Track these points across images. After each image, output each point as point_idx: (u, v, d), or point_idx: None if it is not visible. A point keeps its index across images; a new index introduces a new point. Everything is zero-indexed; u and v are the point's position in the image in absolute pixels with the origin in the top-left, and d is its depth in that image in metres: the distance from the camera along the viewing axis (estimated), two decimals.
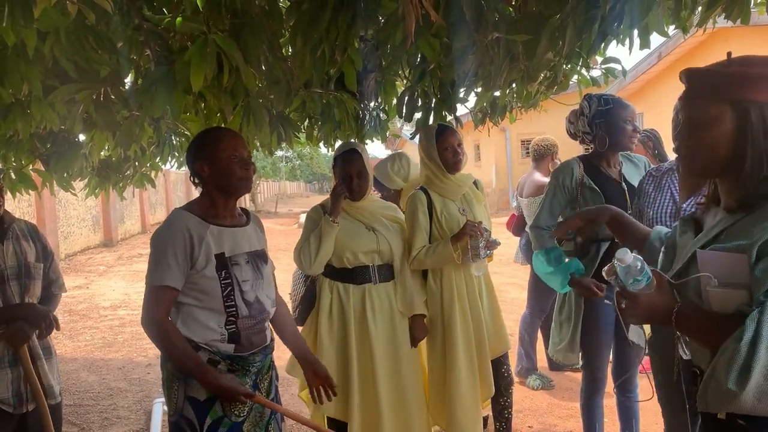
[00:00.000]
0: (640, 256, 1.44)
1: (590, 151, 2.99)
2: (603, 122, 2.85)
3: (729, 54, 1.49)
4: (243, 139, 2.24)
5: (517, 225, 5.16)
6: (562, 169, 2.96)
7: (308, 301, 3.03)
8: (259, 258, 2.25)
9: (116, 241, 15.30)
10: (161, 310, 2.02)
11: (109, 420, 4.36)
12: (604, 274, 1.51)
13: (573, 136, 3.05)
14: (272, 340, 2.29)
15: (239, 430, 2.08)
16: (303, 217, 3.10)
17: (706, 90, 1.44)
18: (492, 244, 3.02)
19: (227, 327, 2.09)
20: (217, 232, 2.12)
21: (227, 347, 2.09)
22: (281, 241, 14.36)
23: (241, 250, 2.17)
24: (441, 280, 3.08)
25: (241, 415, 2.08)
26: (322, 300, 2.98)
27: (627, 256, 1.42)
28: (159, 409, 4.37)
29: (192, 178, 2.22)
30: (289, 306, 3.22)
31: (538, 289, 4.77)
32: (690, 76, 1.49)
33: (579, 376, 4.42)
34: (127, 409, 4.55)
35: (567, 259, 2.89)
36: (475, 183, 3.27)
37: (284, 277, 3.46)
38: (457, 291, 3.04)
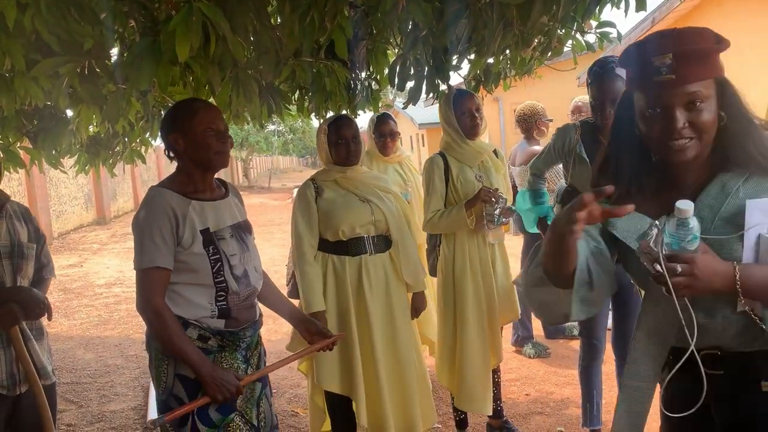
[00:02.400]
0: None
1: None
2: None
3: None
4: (220, 112, 2.19)
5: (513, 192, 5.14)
6: (560, 132, 3.01)
7: None
8: (243, 230, 2.22)
9: (109, 218, 15.22)
10: (157, 294, 1.98)
11: (107, 397, 4.37)
12: (641, 248, 1.25)
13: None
14: (261, 315, 2.28)
15: (231, 406, 2.07)
16: (296, 192, 3.07)
17: None
18: (508, 212, 3.03)
19: (218, 303, 2.06)
20: (199, 207, 2.08)
21: (217, 323, 2.07)
22: (275, 216, 14.33)
23: (225, 224, 2.13)
24: (454, 246, 3.13)
25: None
26: None
27: (690, 207, 1.20)
28: None
29: (166, 152, 2.16)
30: (287, 278, 3.21)
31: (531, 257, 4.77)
32: None
33: (575, 344, 4.45)
34: (125, 386, 4.56)
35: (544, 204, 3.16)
36: (496, 152, 3.27)
37: (279, 252, 3.44)
38: (469, 257, 3.08)
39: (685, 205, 1.20)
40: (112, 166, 4.20)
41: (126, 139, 4.04)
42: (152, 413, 3.94)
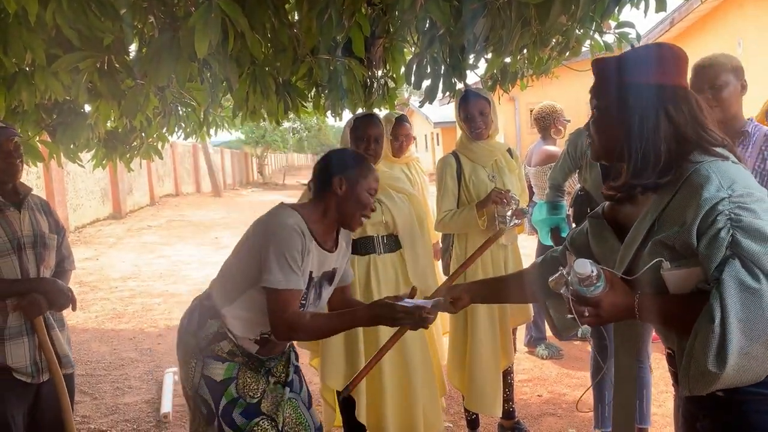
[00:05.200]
0: (592, 261, 1.37)
1: None
2: None
3: None
4: None
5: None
6: (573, 137, 3.00)
7: None
8: (328, 278, 2.19)
9: (125, 213, 15.35)
10: (292, 310, 1.97)
11: (121, 389, 4.41)
12: (551, 285, 1.41)
13: None
14: (290, 345, 2.27)
15: (256, 411, 2.06)
16: None
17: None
18: (520, 214, 3.00)
19: (262, 334, 2.08)
20: (316, 252, 2.07)
21: (252, 347, 2.08)
22: None
23: (321, 271, 2.13)
24: (466, 246, 3.13)
25: (256, 396, 2.07)
26: None
27: (586, 268, 1.34)
28: (170, 379, 4.41)
29: (317, 184, 2.14)
30: None
31: None
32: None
33: (588, 346, 4.43)
34: (139, 379, 4.60)
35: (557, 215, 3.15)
36: (510, 151, 3.25)
37: None
38: (481, 257, 3.06)
39: (581, 268, 1.33)
40: (129, 160, 4.24)
41: (143, 134, 4.08)
42: (165, 407, 3.97)
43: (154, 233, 12.67)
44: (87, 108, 3.50)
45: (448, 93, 2.97)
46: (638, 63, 1.45)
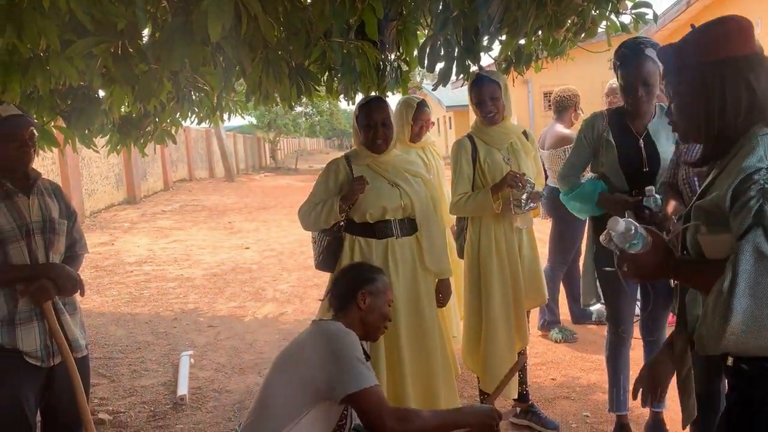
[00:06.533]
0: (631, 220, 1.50)
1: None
2: None
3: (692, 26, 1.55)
4: None
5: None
6: (587, 122, 2.95)
7: (332, 249, 2.97)
8: None
9: (139, 198, 15.45)
10: (387, 405, 1.96)
11: (138, 372, 4.46)
12: (601, 241, 1.56)
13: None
14: None
15: None
16: (327, 163, 3.06)
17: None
18: (536, 197, 2.99)
19: None
20: None
21: None
22: (301, 197, 14.39)
23: None
24: (480, 229, 3.13)
25: None
26: (344, 255, 2.94)
27: (618, 225, 1.47)
28: (186, 361, 4.46)
29: (339, 300, 2.22)
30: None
31: (559, 242, 4.75)
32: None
33: (602, 329, 4.42)
34: (155, 362, 4.66)
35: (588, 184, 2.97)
36: (525, 134, 3.22)
37: (306, 233, 3.43)
38: (495, 240, 3.08)
39: (612, 224, 1.48)
40: (143, 146, 4.26)
41: (157, 119, 4.09)
42: (182, 389, 4.02)
43: (168, 218, 12.75)
44: (101, 93, 3.51)
45: (462, 75, 2.95)
46: (708, 41, 1.47)
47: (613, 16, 2.95)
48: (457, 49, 2.76)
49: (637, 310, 3.17)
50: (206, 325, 5.58)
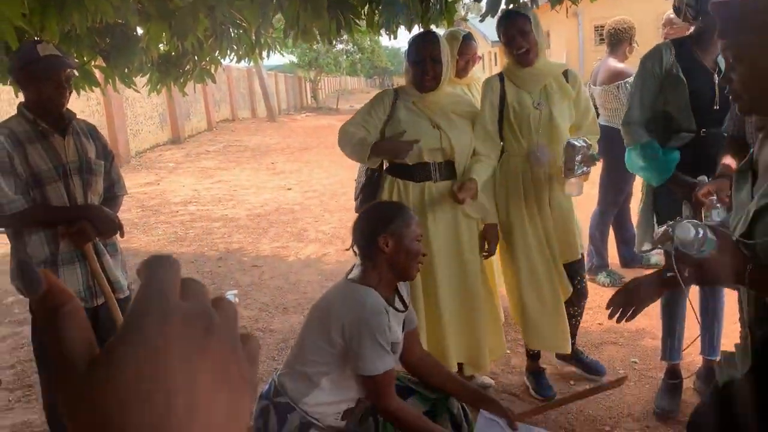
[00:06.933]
0: (698, 223, 1.29)
1: (691, 31, 2.67)
2: None
3: None
4: None
5: None
6: (651, 54, 2.69)
7: (369, 191, 2.90)
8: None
9: (183, 138, 15.60)
10: (392, 395, 1.98)
11: None
12: (656, 240, 1.36)
13: (677, 10, 2.70)
14: None
15: None
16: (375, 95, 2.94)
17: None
18: (590, 160, 2.70)
19: (347, 409, 2.05)
20: (392, 315, 2.03)
21: (339, 423, 2.06)
22: None
23: (398, 332, 2.08)
24: (507, 182, 2.93)
25: None
26: (381, 197, 2.86)
27: (689, 234, 1.26)
28: (230, 300, 4.52)
29: (362, 248, 2.08)
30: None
31: (609, 184, 4.57)
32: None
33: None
34: None
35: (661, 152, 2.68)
36: (567, 74, 2.89)
37: (347, 174, 3.37)
38: (524, 192, 2.89)
39: (683, 234, 1.27)
40: (183, 85, 4.21)
41: (195, 57, 4.02)
42: None
43: (212, 158, 12.86)
44: (139, 31, 3.45)
45: (511, 5, 2.77)
46: None
47: None
48: None
49: None
50: (250, 264, 5.64)
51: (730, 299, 3.30)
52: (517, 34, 2.73)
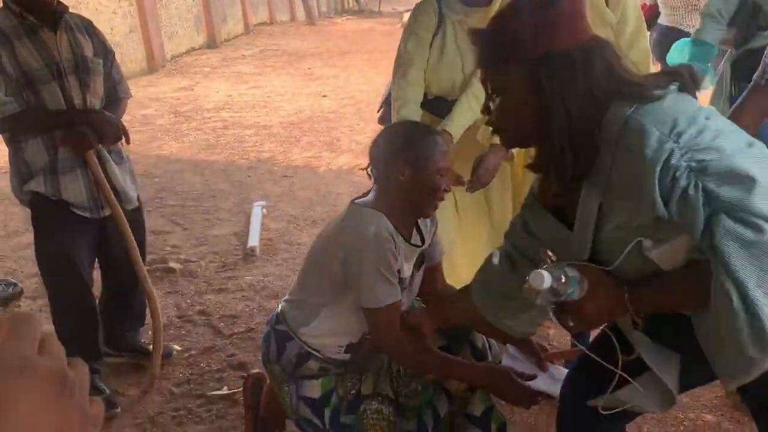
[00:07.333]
0: (557, 265, 1.23)
1: None
2: None
3: None
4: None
5: (648, 15, 4.36)
6: None
7: (389, 109, 2.59)
8: (417, 266, 1.90)
9: (219, 42, 15.18)
10: (397, 330, 1.78)
11: (210, 221, 4.43)
12: (525, 296, 1.24)
13: None
14: None
15: (357, 399, 1.86)
16: (407, 16, 2.55)
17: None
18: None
19: (350, 344, 1.88)
20: (403, 247, 1.78)
21: (342, 356, 1.89)
22: (383, 42, 13.75)
23: (411, 265, 1.86)
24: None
25: (354, 388, 1.87)
26: None
27: (544, 282, 1.16)
28: (258, 211, 4.38)
29: (376, 171, 1.80)
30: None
31: None
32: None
33: None
34: (228, 212, 4.60)
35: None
36: None
37: (382, 81, 3.07)
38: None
39: (536, 283, 1.16)
40: None
41: None
42: (253, 240, 3.96)
43: (248, 63, 12.50)
44: None
45: None
46: (526, 34, 1.19)
47: None
48: None
49: None
50: (281, 174, 5.46)
51: None
52: None
